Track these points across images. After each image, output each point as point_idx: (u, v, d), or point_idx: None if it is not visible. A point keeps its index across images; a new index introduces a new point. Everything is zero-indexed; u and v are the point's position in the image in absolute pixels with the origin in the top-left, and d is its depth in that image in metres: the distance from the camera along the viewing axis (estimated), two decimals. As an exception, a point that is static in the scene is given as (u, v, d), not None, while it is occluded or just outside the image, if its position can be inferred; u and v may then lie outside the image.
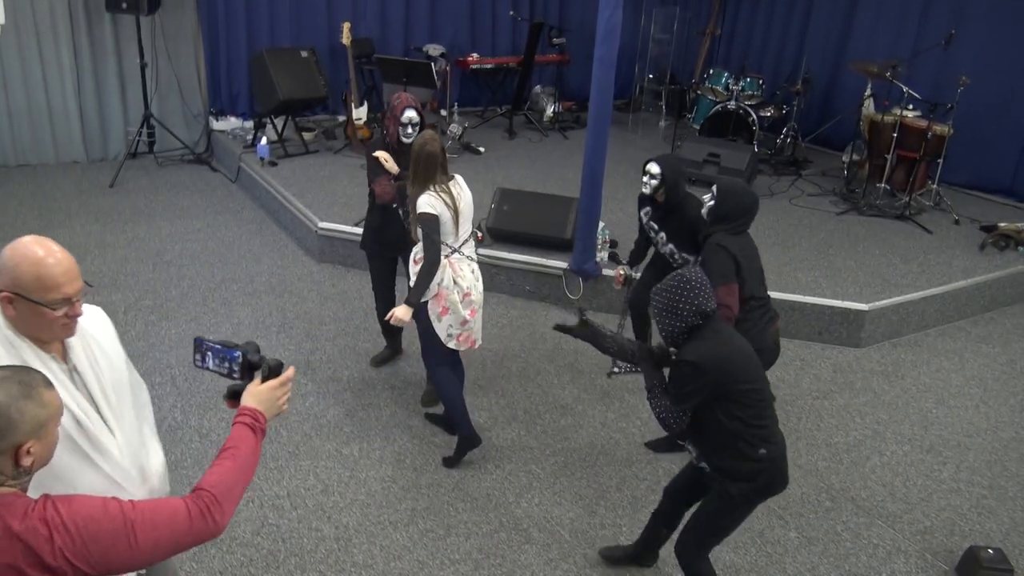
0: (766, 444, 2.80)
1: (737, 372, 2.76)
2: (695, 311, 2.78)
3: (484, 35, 10.04)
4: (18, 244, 1.88)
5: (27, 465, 1.65)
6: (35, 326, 1.90)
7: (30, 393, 1.66)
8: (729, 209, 3.69)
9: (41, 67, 7.60)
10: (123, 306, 5.35)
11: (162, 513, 1.73)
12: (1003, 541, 3.73)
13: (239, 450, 1.95)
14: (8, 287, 1.85)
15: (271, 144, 7.69)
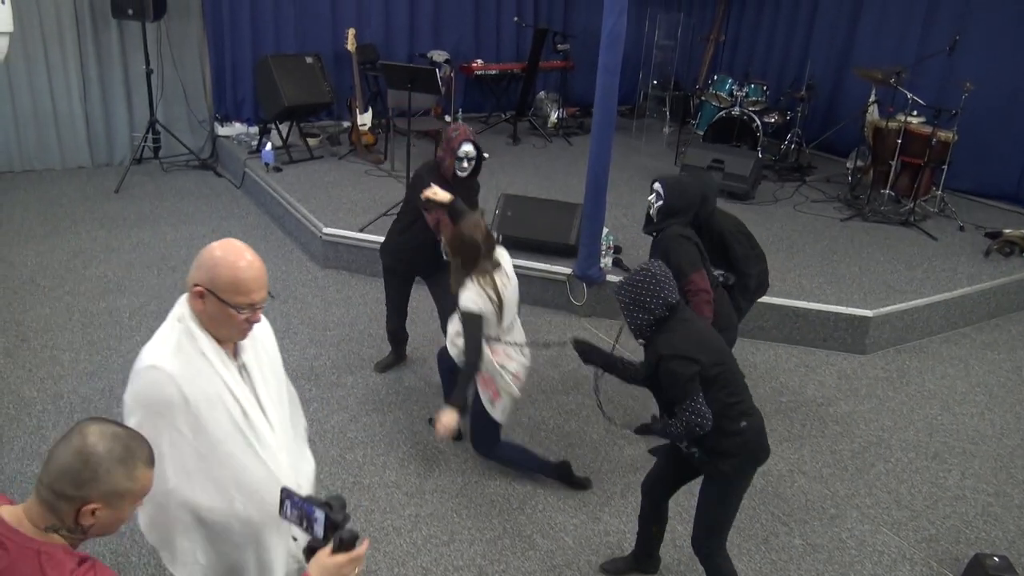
0: (745, 417, 2.89)
1: (712, 356, 2.84)
2: (662, 303, 2.86)
3: (488, 41, 10.06)
4: (221, 245, 1.99)
5: (85, 525, 1.58)
6: (218, 324, 2.01)
7: (127, 461, 1.59)
8: (677, 204, 3.79)
9: (47, 73, 7.63)
10: (128, 311, 5.36)
11: None
12: (1009, 548, 3.71)
13: None
14: (203, 283, 1.96)
15: (276, 150, 7.70)
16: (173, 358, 1.96)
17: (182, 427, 1.96)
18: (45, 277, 5.74)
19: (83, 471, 1.54)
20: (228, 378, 2.02)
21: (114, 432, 1.60)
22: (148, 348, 2.01)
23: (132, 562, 3.29)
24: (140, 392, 1.97)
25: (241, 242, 2.04)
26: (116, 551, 3.34)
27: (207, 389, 1.99)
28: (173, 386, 1.94)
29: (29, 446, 3.94)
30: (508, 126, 9.45)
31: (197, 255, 2.00)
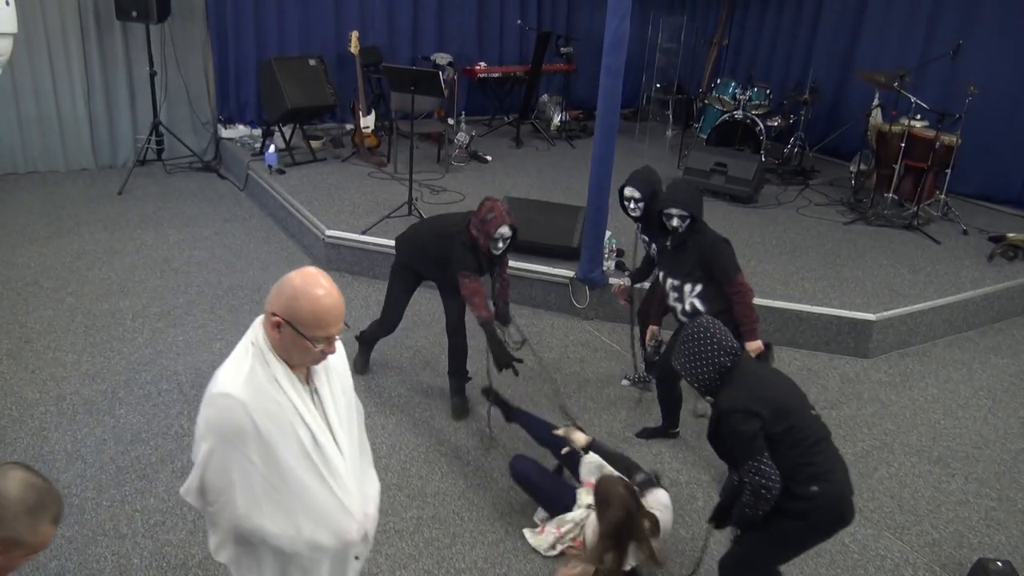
0: (818, 482, 2.66)
1: (776, 411, 2.67)
2: (722, 351, 2.76)
3: (492, 44, 10.07)
4: (301, 276, 1.99)
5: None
6: (292, 353, 2.00)
7: (36, 513, 1.62)
8: (695, 210, 3.86)
9: (51, 75, 7.65)
10: (131, 313, 5.36)
11: None
12: (1012, 553, 3.70)
13: None
14: (282, 314, 1.95)
15: (279, 152, 7.72)
16: (246, 386, 1.95)
17: (253, 456, 1.95)
18: (48, 278, 5.75)
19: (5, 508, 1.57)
20: (300, 405, 2.01)
21: (32, 482, 1.61)
22: (222, 373, 1.99)
23: (134, 564, 3.29)
24: (212, 419, 1.96)
25: (320, 272, 2.02)
26: (118, 553, 3.34)
27: (279, 418, 1.97)
28: (245, 415, 1.93)
29: (31, 447, 3.95)
30: (511, 129, 9.46)
31: (276, 283, 1.99)
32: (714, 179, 7.60)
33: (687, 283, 3.93)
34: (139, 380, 4.59)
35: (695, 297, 3.91)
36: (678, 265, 3.96)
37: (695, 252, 3.87)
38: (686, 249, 3.91)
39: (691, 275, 3.90)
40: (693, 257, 3.87)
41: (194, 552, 3.37)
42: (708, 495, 3.99)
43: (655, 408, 4.67)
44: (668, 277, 4.02)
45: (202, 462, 1.98)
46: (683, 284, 3.95)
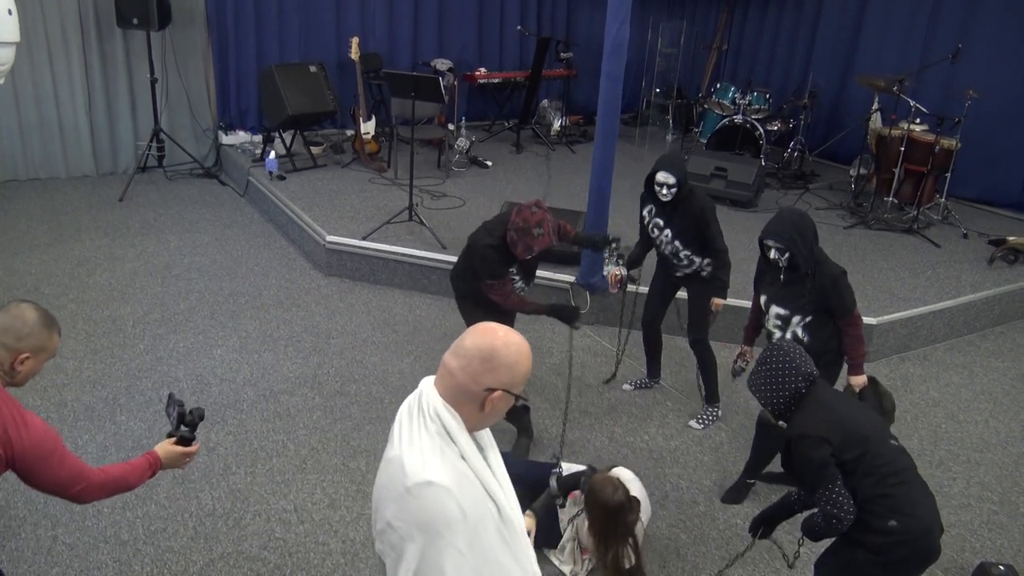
0: (897, 515, 2.53)
1: (848, 439, 2.57)
2: (799, 376, 2.70)
3: (492, 50, 10.10)
4: (503, 340, 1.80)
5: (17, 370, 2.27)
6: (489, 419, 1.85)
7: (49, 327, 2.34)
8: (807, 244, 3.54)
9: (52, 82, 7.67)
10: (131, 319, 5.37)
11: (73, 466, 2.29)
12: (1014, 557, 3.69)
13: (133, 474, 2.45)
14: (504, 385, 1.79)
15: (280, 158, 7.73)
16: (445, 469, 1.73)
17: (462, 546, 1.73)
18: (49, 285, 5.75)
19: (22, 328, 2.25)
20: (486, 477, 1.82)
21: (39, 308, 2.33)
22: (413, 461, 1.75)
23: (135, 571, 3.29)
24: (419, 514, 1.71)
25: (494, 324, 1.86)
26: (119, 560, 3.34)
27: (476, 497, 1.77)
28: (453, 502, 1.70)
29: (33, 454, 3.94)
30: (511, 134, 9.48)
31: (482, 357, 1.77)
32: (714, 183, 7.61)
33: (796, 315, 3.65)
34: (140, 387, 4.59)
35: (800, 327, 3.65)
36: (791, 296, 3.65)
37: (816, 286, 3.57)
38: (804, 281, 3.59)
39: (804, 308, 3.62)
40: (812, 290, 3.58)
41: (195, 559, 3.37)
42: (709, 499, 3.99)
43: (656, 411, 4.68)
44: (774, 305, 3.72)
45: (413, 568, 1.72)
46: (792, 315, 3.66)
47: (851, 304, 3.56)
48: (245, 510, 3.69)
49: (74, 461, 2.30)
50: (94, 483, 2.33)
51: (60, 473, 2.25)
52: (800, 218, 3.61)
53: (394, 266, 6.07)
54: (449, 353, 1.81)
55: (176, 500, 3.71)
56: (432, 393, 1.81)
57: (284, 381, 4.76)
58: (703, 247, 4.30)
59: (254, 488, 3.84)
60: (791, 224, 3.56)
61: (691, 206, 4.21)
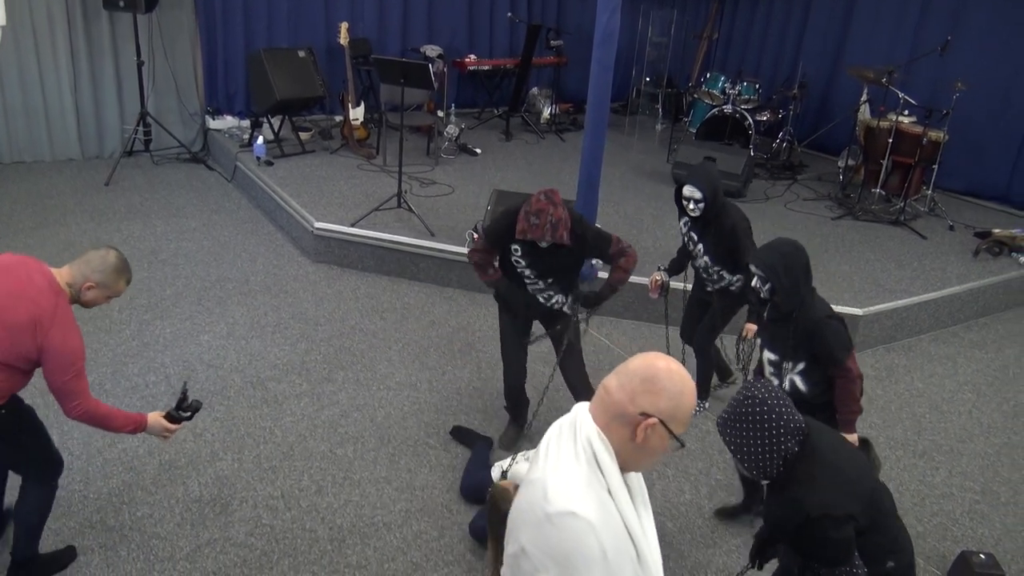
0: (893, 556, 2.41)
1: (865, 502, 2.34)
2: (788, 433, 2.31)
3: (482, 36, 10.05)
4: (668, 371, 1.66)
5: (84, 295, 2.85)
6: (642, 458, 1.73)
7: (120, 273, 2.90)
8: (787, 282, 3.15)
9: (38, 64, 7.58)
10: (117, 305, 5.33)
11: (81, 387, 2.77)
12: (995, 546, 3.74)
13: (119, 419, 2.91)
14: (662, 414, 1.66)
15: (267, 144, 7.68)
16: (590, 501, 1.63)
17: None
18: (34, 270, 5.70)
19: (99, 264, 2.83)
20: (629, 516, 1.70)
21: (121, 257, 2.91)
22: (558, 487, 1.64)
23: (121, 556, 3.29)
24: (557, 545, 1.61)
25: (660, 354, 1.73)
26: (105, 545, 3.33)
27: (618, 535, 1.67)
28: (594, 538, 1.60)
29: (17, 439, 3.93)
30: (501, 122, 9.45)
31: (643, 377, 1.65)
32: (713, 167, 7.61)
33: (787, 361, 3.30)
34: (126, 372, 4.57)
35: (796, 375, 3.28)
36: (778, 340, 3.32)
37: (799, 329, 3.20)
38: (787, 324, 3.24)
39: (792, 354, 3.26)
40: (795, 334, 3.22)
41: (182, 545, 3.37)
42: (696, 488, 4.01)
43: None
44: (765, 349, 3.42)
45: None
46: (782, 361, 3.32)
47: (840, 353, 3.13)
48: (232, 496, 3.68)
49: (85, 385, 2.79)
50: (88, 408, 2.80)
51: (70, 385, 2.75)
52: (791, 249, 3.21)
53: (382, 253, 6.05)
54: (611, 375, 1.70)
55: (163, 486, 3.71)
56: (586, 418, 1.69)
57: (271, 368, 4.75)
58: (735, 265, 4.16)
59: (241, 474, 3.83)
60: (779, 253, 3.20)
61: (722, 224, 4.07)
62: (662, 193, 7.67)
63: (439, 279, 6.01)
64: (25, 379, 2.82)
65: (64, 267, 2.82)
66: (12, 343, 2.67)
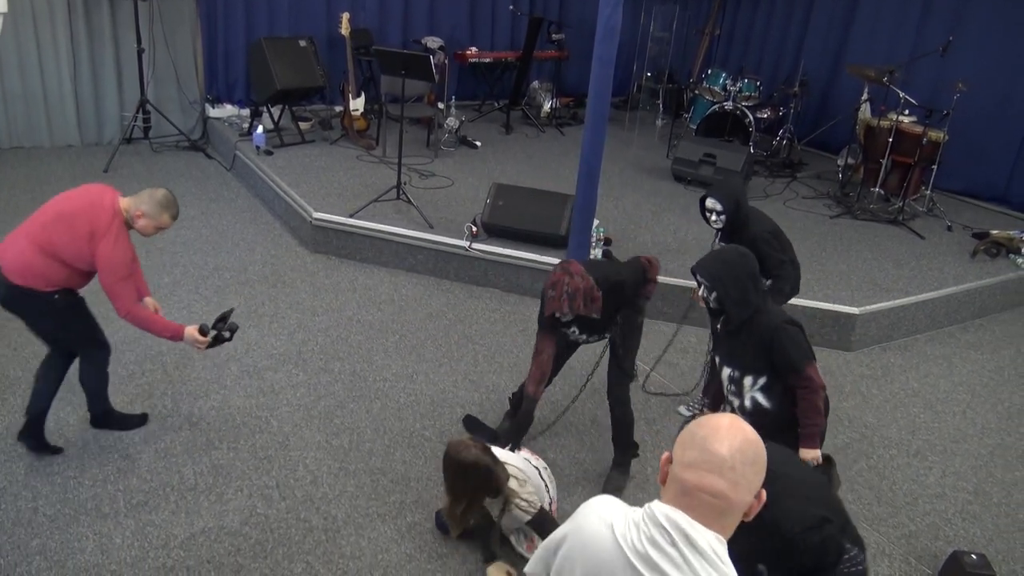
0: (855, 543, 2.40)
1: (835, 507, 2.39)
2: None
3: (483, 29, 10.03)
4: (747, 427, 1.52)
5: (136, 222, 3.47)
6: None
7: (165, 208, 3.50)
8: (738, 287, 3.06)
9: (37, 50, 7.55)
10: (115, 292, 5.33)
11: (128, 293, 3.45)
12: (986, 547, 3.76)
13: (160, 324, 3.56)
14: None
15: (267, 133, 7.67)
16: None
17: None
18: (32, 256, 5.70)
19: (149, 198, 3.46)
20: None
21: (170, 195, 3.51)
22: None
23: (116, 543, 3.29)
24: None
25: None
26: (99, 532, 3.34)
27: None
28: None
29: (14, 425, 3.92)
30: (501, 115, 9.44)
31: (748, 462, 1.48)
32: (702, 170, 7.62)
33: (747, 375, 3.15)
34: (123, 360, 4.57)
35: (757, 391, 3.14)
36: (735, 353, 3.17)
37: (754, 337, 3.07)
38: (743, 333, 3.11)
39: (752, 366, 3.12)
40: (752, 343, 3.08)
41: (176, 532, 3.38)
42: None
43: (639, 396, 4.70)
44: (724, 366, 3.26)
45: None
46: (742, 376, 3.17)
47: (798, 360, 2.98)
48: (227, 485, 3.69)
49: (131, 291, 3.46)
50: (131, 311, 3.46)
51: (115, 288, 3.40)
52: (736, 257, 3.11)
53: (381, 244, 6.05)
54: (699, 473, 1.45)
55: (158, 474, 3.71)
56: (696, 528, 1.45)
57: (268, 357, 4.75)
58: (767, 275, 4.00)
59: (236, 464, 3.84)
60: (722, 261, 3.10)
61: (743, 236, 3.96)
62: (661, 189, 7.67)
63: (437, 271, 6.01)
64: (82, 280, 3.52)
65: (126, 197, 3.48)
66: (75, 248, 3.35)
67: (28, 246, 3.38)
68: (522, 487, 3.26)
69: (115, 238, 3.36)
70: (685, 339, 5.34)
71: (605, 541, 1.53)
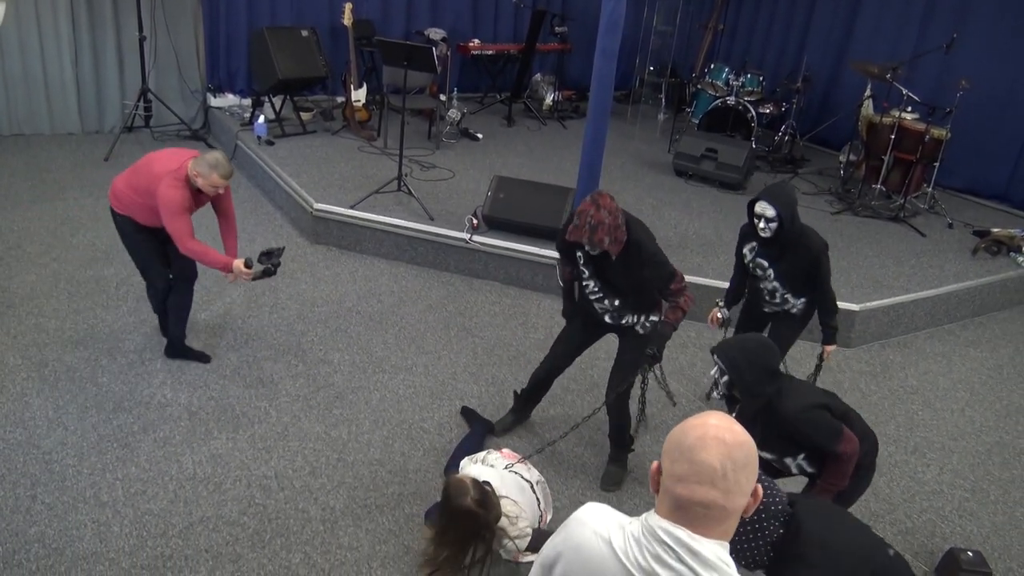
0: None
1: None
2: (769, 517, 2.27)
3: (486, 21, 10.00)
4: (736, 427, 1.46)
5: (194, 181, 3.97)
6: None
7: (215, 167, 3.93)
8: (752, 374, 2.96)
9: (39, 37, 7.53)
10: (115, 281, 5.33)
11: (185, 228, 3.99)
12: (983, 544, 3.77)
13: (212, 256, 4.08)
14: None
15: (268, 123, 7.65)
16: None
17: None
18: (32, 243, 5.70)
19: (203, 160, 3.95)
20: None
21: (221, 157, 3.98)
22: None
23: (114, 532, 3.30)
24: None
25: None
26: (98, 520, 3.34)
27: None
28: None
29: (12, 413, 3.93)
30: (503, 107, 9.42)
31: (739, 466, 1.42)
32: (704, 165, 7.61)
33: (786, 457, 3.11)
34: (122, 349, 4.57)
35: (802, 461, 3.09)
36: (765, 441, 3.04)
37: (774, 429, 3.00)
38: (761, 424, 3.01)
39: (785, 451, 3.08)
40: (775, 434, 3.01)
41: (175, 522, 3.38)
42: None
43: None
44: (760, 449, 3.02)
45: None
46: (782, 458, 3.12)
47: (828, 443, 2.95)
48: (226, 475, 3.70)
49: (187, 228, 3.99)
50: (188, 247, 4.01)
51: (172, 226, 3.97)
52: (756, 346, 3.04)
53: (381, 236, 6.05)
54: (691, 487, 1.41)
55: (157, 463, 3.72)
56: (699, 541, 1.42)
57: (267, 348, 4.76)
58: (802, 291, 3.95)
59: (235, 453, 3.84)
60: (742, 349, 3.02)
61: (806, 251, 3.78)
62: (663, 183, 7.66)
63: (437, 263, 6.00)
64: (146, 215, 4.12)
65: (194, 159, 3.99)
66: (146, 183, 4.01)
67: (122, 179, 4.19)
68: (513, 524, 3.13)
69: (170, 184, 3.92)
70: (684, 334, 5.34)
71: (606, 560, 1.49)
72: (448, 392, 4.53)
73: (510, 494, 3.23)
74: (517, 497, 3.25)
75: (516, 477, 3.38)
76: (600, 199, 3.39)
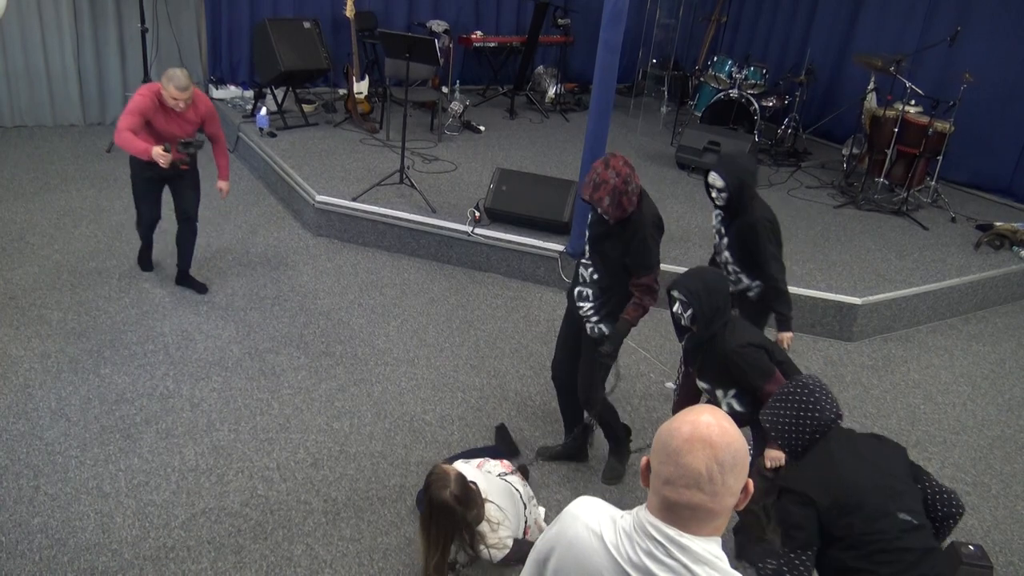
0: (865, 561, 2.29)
1: (838, 502, 2.31)
2: (817, 419, 2.47)
3: (488, 13, 9.97)
4: (718, 417, 1.43)
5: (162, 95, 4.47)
6: None
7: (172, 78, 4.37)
8: (711, 305, 3.09)
9: (40, 28, 7.52)
10: (117, 273, 5.33)
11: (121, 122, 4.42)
12: (984, 538, 3.77)
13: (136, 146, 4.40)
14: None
15: (271, 115, 7.64)
16: None
17: None
18: (34, 235, 5.70)
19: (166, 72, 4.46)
20: None
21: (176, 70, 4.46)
22: None
23: (116, 523, 3.31)
24: None
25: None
26: (100, 511, 3.35)
27: None
28: None
29: (15, 404, 3.94)
30: (505, 100, 9.40)
31: (726, 467, 1.38)
32: (707, 158, 7.59)
33: (718, 389, 3.25)
34: (125, 340, 4.58)
35: (732, 399, 3.23)
36: (704, 369, 3.25)
37: (712, 359, 3.17)
38: (702, 354, 3.20)
39: (719, 382, 3.23)
40: (713, 365, 3.18)
41: (177, 513, 3.39)
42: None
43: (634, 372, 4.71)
44: (697, 378, 3.35)
45: None
46: (714, 390, 3.27)
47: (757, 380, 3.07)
48: (228, 467, 3.70)
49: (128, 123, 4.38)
50: (121, 135, 4.38)
51: (122, 119, 4.39)
52: (714, 278, 3.19)
53: (383, 228, 6.04)
54: (678, 490, 1.39)
55: (159, 454, 3.73)
56: (689, 538, 1.41)
57: (270, 340, 4.76)
58: (752, 269, 3.94)
59: (237, 445, 3.85)
60: (703, 281, 3.14)
61: (744, 219, 3.83)
62: (665, 176, 7.65)
63: (439, 256, 6.00)
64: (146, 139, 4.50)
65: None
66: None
67: None
68: (493, 531, 3.02)
69: (140, 92, 4.48)
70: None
71: (598, 555, 1.49)
72: (450, 385, 4.53)
73: (497, 500, 3.13)
74: (503, 504, 3.14)
75: (508, 485, 3.29)
76: (612, 160, 3.34)
